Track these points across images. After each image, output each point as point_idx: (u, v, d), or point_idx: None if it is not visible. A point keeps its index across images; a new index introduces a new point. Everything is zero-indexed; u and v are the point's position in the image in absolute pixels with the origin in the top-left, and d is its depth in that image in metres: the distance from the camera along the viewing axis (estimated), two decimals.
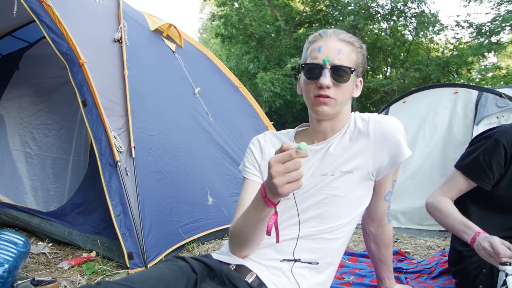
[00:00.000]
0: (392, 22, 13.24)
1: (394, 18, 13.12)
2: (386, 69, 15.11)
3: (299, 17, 14.19)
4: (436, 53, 14.06)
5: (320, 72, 1.13)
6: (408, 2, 12.48)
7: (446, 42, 14.33)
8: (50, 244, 2.56)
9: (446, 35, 17.55)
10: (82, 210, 2.56)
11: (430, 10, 12.51)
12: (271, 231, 0.95)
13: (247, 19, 12.99)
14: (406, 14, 12.90)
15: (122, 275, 2.09)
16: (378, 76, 14.80)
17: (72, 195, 2.73)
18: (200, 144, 3.11)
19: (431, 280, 1.83)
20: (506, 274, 1.11)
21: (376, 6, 12.97)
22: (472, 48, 11.40)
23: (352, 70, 1.15)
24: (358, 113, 1.26)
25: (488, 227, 1.35)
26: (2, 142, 3.46)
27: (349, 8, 12.92)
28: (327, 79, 1.12)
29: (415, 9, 12.68)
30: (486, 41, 11.38)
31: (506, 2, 11.47)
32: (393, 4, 12.56)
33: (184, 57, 3.43)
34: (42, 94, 3.50)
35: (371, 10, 12.90)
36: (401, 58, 14.24)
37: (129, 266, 2.14)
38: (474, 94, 3.41)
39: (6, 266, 1.79)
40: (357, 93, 1.25)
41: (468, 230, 1.34)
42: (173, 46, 3.40)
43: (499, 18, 10.99)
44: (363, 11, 12.55)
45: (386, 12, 13.03)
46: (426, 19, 12.12)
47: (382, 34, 13.80)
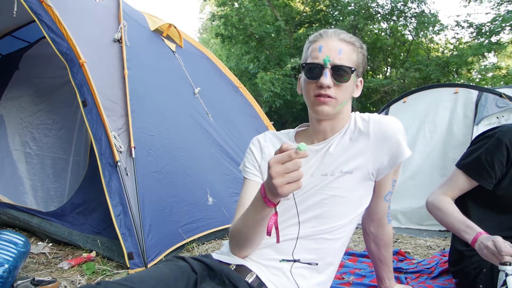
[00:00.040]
0: (392, 22, 13.24)
1: (394, 18, 13.11)
2: (386, 69, 15.11)
3: (299, 17, 14.18)
4: (436, 53, 14.05)
5: (320, 71, 1.13)
6: (408, 2, 12.47)
7: (446, 42, 14.34)
8: (50, 244, 2.56)
9: (446, 35, 17.58)
10: (82, 210, 2.56)
11: (430, 10, 12.52)
12: (271, 231, 0.95)
13: (247, 19, 12.99)
14: (406, 14, 12.90)
15: (122, 275, 2.09)
16: (378, 76, 14.79)
17: (72, 195, 2.73)
18: (200, 144, 3.11)
19: (431, 280, 1.83)
20: (506, 274, 1.10)
21: (376, 6, 12.98)
22: (472, 48, 11.40)
23: (352, 70, 1.15)
24: (358, 113, 1.26)
25: (488, 227, 1.35)
26: (2, 142, 3.46)
27: (349, 8, 12.91)
28: (328, 79, 1.12)
29: (415, 9, 12.70)
30: (486, 41, 11.38)
31: (506, 2, 11.47)
32: (393, 4, 12.56)
33: (184, 57, 3.43)
34: (42, 94, 3.50)
35: (371, 10, 12.90)
36: (401, 58, 14.24)
37: (129, 266, 2.14)
38: (474, 94, 3.41)
39: (6, 266, 1.79)
40: (357, 93, 1.25)
41: (469, 230, 1.34)
42: (173, 46, 3.40)
43: (499, 18, 11.00)
44: (363, 11, 12.55)
45: (386, 12, 13.03)
46: (426, 19, 12.11)
47: (382, 34, 13.80)
